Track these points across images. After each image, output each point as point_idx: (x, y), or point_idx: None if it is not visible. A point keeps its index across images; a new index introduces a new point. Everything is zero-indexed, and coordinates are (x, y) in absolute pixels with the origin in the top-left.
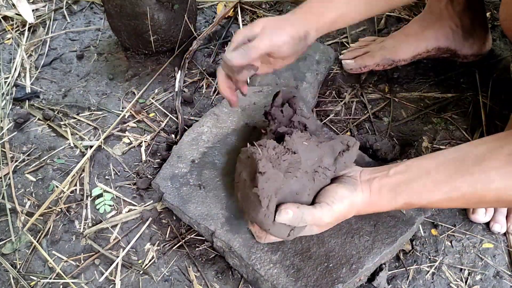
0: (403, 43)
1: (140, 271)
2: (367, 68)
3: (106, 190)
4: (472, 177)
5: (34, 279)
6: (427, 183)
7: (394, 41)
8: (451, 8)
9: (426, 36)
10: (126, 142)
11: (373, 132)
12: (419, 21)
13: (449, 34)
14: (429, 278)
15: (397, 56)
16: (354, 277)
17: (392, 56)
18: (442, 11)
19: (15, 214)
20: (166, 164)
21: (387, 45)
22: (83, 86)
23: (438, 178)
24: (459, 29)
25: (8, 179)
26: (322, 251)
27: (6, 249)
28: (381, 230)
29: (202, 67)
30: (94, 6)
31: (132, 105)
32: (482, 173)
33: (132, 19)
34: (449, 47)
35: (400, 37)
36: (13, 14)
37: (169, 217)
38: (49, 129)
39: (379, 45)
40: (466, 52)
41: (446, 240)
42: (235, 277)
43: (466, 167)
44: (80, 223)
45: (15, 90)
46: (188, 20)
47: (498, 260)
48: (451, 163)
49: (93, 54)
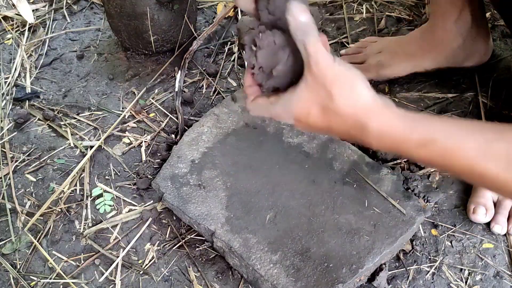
0: (401, 62)
1: (140, 271)
2: None
3: (106, 190)
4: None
5: (34, 279)
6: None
7: (392, 58)
8: (456, 29)
9: (426, 58)
10: (126, 142)
11: None
12: (420, 41)
13: (450, 56)
14: (429, 278)
15: (393, 74)
16: (354, 277)
17: (387, 73)
18: (446, 33)
19: (15, 214)
20: (166, 164)
21: (384, 61)
22: (83, 86)
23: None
24: (460, 49)
25: (8, 179)
26: (322, 251)
27: (6, 249)
28: (381, 230)
29: (202, 67)
30: (94, 6)
31: (132, 105)
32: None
33: (132, 19)
34: (449, 66)
35: (399, 55)
36: (13, 14)
37: (169, 217)
38: (49, 129)
39: (375, 58)
40: (466, 65)
41: (446, 240)
42: (235, 277)
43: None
44: (80, 223)
45: (15, 90)
46: (188, 20)
47: (498, 260)
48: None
49: (93, 54)
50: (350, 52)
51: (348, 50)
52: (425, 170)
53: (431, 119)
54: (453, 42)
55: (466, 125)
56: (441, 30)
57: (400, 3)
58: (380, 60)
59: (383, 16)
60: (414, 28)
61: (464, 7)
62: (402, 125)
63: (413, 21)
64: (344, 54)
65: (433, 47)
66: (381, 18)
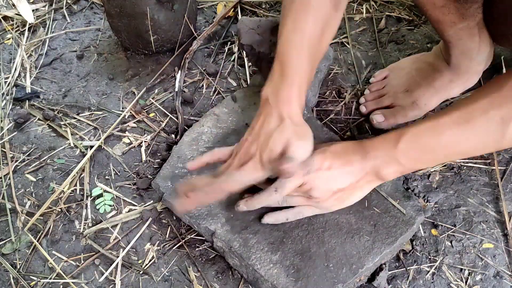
0: (433, 97)
1: (140, 271)
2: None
3: (106, 190)
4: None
5: (34, 279)
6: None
7: (423, 96)
8: (480, 58)
9: (455, 87)
10: (126, 142)
11: (373, 133)
12: (449, 75)
13: (476, 78)
14: (429, 278)
15: (426, 111)
16: (354, 277)
17: (422, 112)
18: (472, 64)
19: (15, 214)
20: (166, 164)
21: (419, 101)
22: (83, 86)
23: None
24: (483, 68)
25: (8, 179)
26: (322, 251)
27: (6, 249)
28: (381, 230)
29: (202, 67)
30: (94, 6)
31: (132, 105)
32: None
33: (132, 19)
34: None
35: (429, 91)
36: (13, 14)
37: (169, 217)
38: (49, 129)
39: (406, 99)
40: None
41: (446, 240)
42: (235, 277)
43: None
44: (80, 223)
45: (15, 90)
46: (188, 20)
47: (498, 260)
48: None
49: (93, 54)
50: (371, 97)
51: (368, 95)
52: (425, 170)
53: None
54: (478, 67)
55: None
56: (466, 66)
57: (400, 3)
58: (414, 100)
59: (383, 16)
60: (414, 28)
61: (481, 35)
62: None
63: (413, 21)
64: (365, 101)
65: (461, 77)
66: (381, 18)
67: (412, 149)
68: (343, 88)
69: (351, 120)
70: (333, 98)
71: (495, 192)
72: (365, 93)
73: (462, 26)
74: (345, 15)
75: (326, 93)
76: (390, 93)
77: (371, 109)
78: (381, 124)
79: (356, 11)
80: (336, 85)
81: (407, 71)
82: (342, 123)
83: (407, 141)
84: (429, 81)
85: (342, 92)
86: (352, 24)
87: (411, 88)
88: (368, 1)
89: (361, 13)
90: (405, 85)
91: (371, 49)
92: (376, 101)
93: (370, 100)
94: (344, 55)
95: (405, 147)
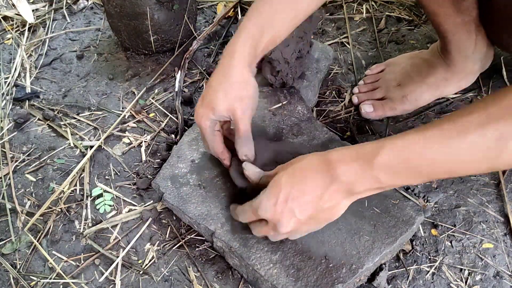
0: (424, 93)
1: (140, 271)
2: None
3: (106, 190)
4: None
5: (34, 279)
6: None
7: (415, 91)
8: (475, 56)
9: (449, 86)
10: (126, 142)
11: (373, 133)
12: (444, 73)
13: (472, 78)
14: (429, 278)
15: (417, 107)
16: (354, 277)
17: (412, 108)
18: (467, 62)
19: (15, 214)
20: (166, 164)
21: (409, 96)
22: (83, 86)
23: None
24: (480, 69)
25: (8, 179)
26: (322, 251)
27: (6, 249)
28: (381, 230)
29: (202, 67)
30: (94, 6)
31: (132, 105)
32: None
33: (132, 19)
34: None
35: (421, 87)
36: (13, 14)
37: (169, 217)
38: (49, 129)
39: (397, 93)
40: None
41: (446, 240)
42: (235, 277)
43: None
44: (80, 223)
45: (15, 90)
46: (188, 20)
47: (498, 260)
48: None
49: (93, 54)
50: (365, 89)
51: (361, 87)
52: None
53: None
54: (474, 66)
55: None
56: (462, 64)
57: (400, 3)
58: (404, 95)
59: (383, 16)
60: (414, 28)
61: (478, 33)
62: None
63: (413, 21)
64: (358, 92)
65: (455, 75)
66: (381, 18)
67: (392, 164)
68: (343, 88)
69: (351, 120)
70: (333, 98)
71: (495, 192)
72: (359, 83)
73: (458, 21)
74: (345, 15)
75: (326, 93)
76: (383, 87)
77: (362, 100)
78: (369, 114)
79: (356, 11)
80: (336, 85)
81: (403, 66)
82: (342, 123)
83: (387, 154)
84: (423, 76)
85: (342, 92)
86: (352, 24)
87: (404, 83)
88: (368, 1)
89: (361, 13)
90: (398, 79)
91: (371, 49)
92: (368, 93)
93: (363, 92)
94: (344, 55)
95: (384, 162)
